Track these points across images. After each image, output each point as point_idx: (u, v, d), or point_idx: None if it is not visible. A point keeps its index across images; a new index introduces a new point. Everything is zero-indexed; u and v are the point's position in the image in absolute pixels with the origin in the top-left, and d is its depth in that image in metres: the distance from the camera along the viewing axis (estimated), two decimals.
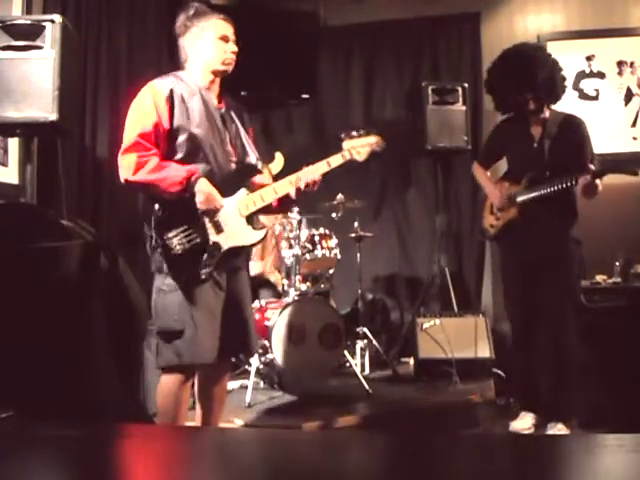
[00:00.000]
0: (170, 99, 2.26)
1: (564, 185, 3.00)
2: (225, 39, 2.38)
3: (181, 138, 2.26)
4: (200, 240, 2.23)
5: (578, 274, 3.33)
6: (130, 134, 2.23)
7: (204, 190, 2.24)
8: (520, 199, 3.17)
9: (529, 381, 3.29)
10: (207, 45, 2.36)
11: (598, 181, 2.94)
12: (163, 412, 2.26)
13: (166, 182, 2.19)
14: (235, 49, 2.40)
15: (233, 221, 2.32)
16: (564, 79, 3.22)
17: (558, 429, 3.10)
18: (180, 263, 2.21)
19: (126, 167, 2.20)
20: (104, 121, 3.81)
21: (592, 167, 2.95)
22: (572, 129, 3.18)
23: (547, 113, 3.20)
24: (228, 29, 2.39)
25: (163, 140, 2.25)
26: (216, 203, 2.27)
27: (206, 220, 2.27)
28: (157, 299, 2.25)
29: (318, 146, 5.08)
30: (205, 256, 2.22)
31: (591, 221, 3.31)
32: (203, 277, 2.22)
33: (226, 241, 2.27)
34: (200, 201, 2.23)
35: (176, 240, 2.19)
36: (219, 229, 2.27)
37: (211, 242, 2.25)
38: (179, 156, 2.27)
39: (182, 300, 2.21)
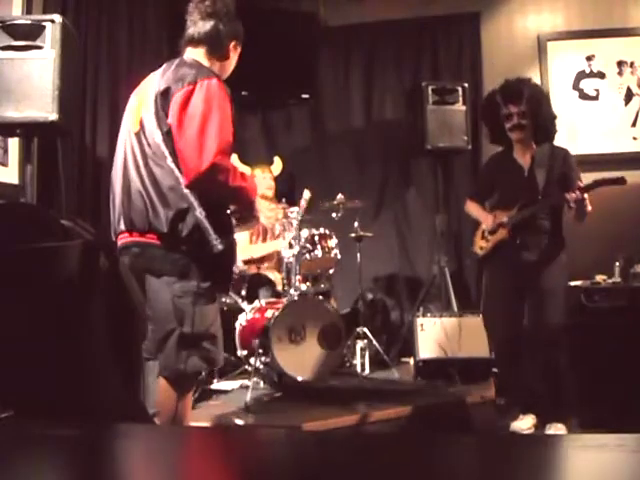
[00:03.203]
0: (232, 106, 2.20)
1: (552, 202, 3.15)
2: None
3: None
4: (235, 247, 2.28)
5: (565, 292, 3.38)
6: (222, 135, 2.07)
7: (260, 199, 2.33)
8: (512, 220, 3.26)
9: (524, 386, 3.31)
10: (234, 62, 2.39)
11: (586, 195, 3.03)
12: (178, 419, 2.18)
13: (252, 189, 2.24)
14: None
15: None
16: (552, 114, 3.32)
17: (557, 428, 3.11)
18: (223, 268, 2.21)
19: (226, 171, 2.09)
20: (104, 121, 3.81)
21: (580, 183, 3.06)
22: (561, 161, 3.27)
23: (534, 145, 3.29)
24: None
25: None
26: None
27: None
28: (192, 304, 2.12)
29: (318, 146, 5.08)
30: (234, 262, 2.28)
31: (591, 221, 3.31)
32: (232, 283, 2.28)
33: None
34: (262, 208, 2.33)
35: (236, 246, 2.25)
36: None
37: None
38: None
39: (214, 304, 2.22)
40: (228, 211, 2.30)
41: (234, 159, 4.00)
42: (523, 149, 3.32)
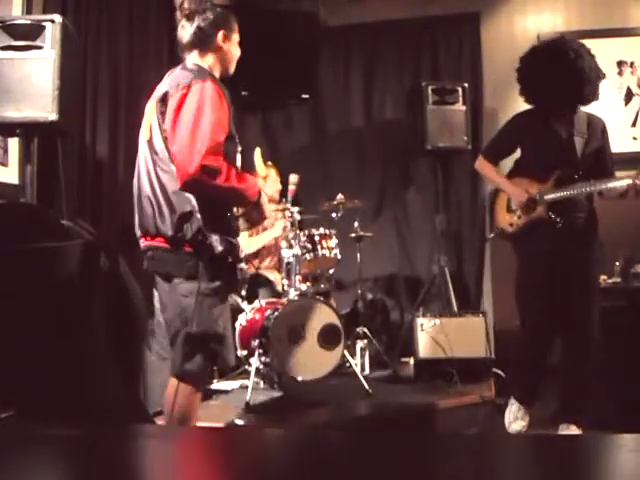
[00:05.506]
0: (230, 105, 2.20)
1: (608, 187, 2.94)
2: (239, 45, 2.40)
3: (231, 146, 2.23)
4: (239, 247, 2.31)
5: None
6: (212, 136, 2.07)
7: (266, 200, 2.33)
8: (550, 197, 3.00)
9: (534, 381, 3.24)
10: (234, 49, 2.36)
11: None
12: (184, 416, 2.19)
13: (251, 190, 2.22)
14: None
15: None
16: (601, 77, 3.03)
17: (571, 430, 3.01)
18: (229, 269, 2.24)
19: (216, 171, 2.07)
20: (104, 121, 3.81)
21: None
22: (599, 130, 3.08)
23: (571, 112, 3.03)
24: None
25: None
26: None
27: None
28: (198, 303, 2.15)
29: (318, 146, 5.09)
30: (240, 263, 2.30)
31: None
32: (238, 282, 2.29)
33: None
34: (267, 209, 2.33)
35: (238, 247, 2.26)
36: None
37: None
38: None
39: (223, 305, 2.25)
40: (237, 213, 2.34)
41: (256, 154, 4.03)
42: (560, 113, 3.02)
